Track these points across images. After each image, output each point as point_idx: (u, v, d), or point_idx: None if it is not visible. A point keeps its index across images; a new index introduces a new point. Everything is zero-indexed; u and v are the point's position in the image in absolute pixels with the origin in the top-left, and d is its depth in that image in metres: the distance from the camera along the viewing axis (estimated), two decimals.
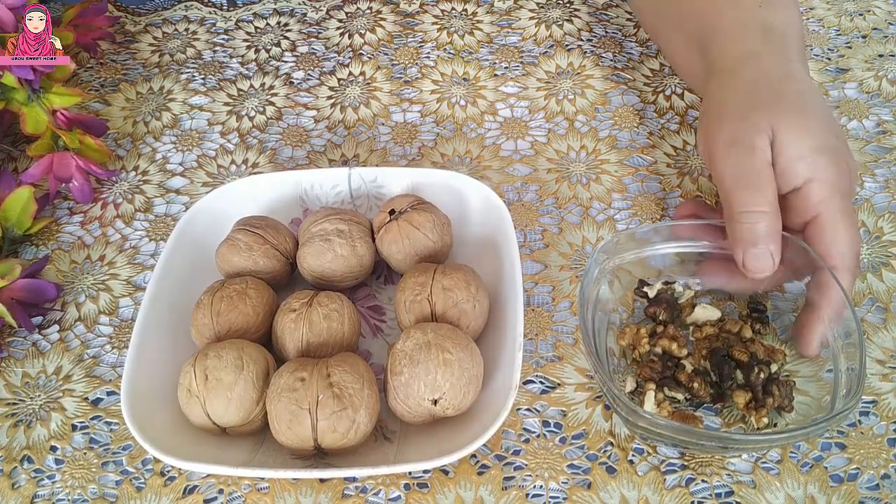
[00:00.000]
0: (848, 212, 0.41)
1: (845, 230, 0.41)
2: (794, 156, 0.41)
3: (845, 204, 0.41)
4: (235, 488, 0.40)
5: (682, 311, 0.44)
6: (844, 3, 0.64)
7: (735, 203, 0.41)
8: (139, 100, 0.61)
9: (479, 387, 0.39)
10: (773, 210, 0.41)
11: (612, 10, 0.65)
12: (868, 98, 0.56)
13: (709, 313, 0.44)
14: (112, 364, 0.45)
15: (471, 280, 0.42)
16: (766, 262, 0.41)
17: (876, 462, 0.39)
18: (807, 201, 0.41)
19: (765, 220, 0.41)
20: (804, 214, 0.42)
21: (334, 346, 0.41)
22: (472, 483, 0.39)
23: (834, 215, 0.41)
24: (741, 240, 0.41)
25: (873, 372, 0.42)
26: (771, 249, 0.41)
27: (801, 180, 0.41)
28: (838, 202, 0.41)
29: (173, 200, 0.54)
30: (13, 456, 0.42)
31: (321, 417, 0.37)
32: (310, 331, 0.41)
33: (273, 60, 0.63)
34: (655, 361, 0.42)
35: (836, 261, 0.41)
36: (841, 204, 0.41)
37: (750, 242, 0.41)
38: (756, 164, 0.41)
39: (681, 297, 0.44)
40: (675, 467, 0.39)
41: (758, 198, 0.41)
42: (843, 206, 0.41)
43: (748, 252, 0.41)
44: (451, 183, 0.48)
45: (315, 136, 0.57)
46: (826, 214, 0.41)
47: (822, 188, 0.41)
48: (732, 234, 0.42)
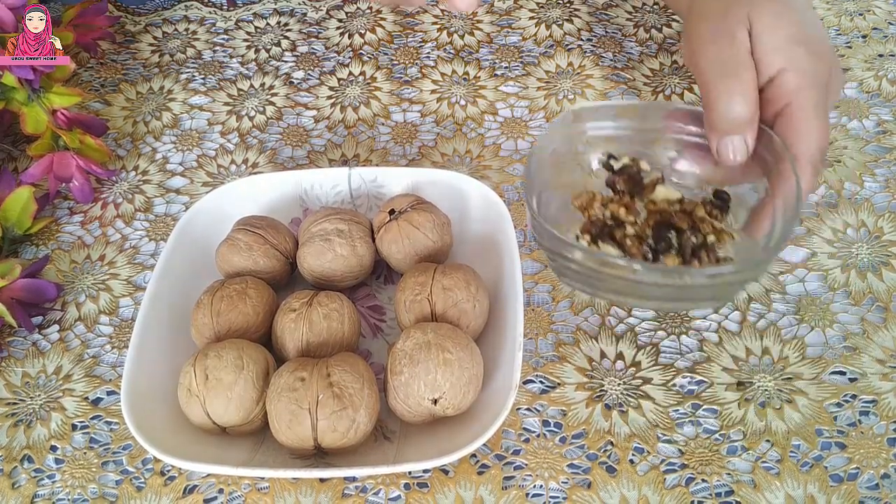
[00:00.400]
0: (821, 105, 0.41)
1: (814, 122, 0.41)
2: (769, 46, 0.41)
3: (819, 97, 0.41)
4: (235, 488, 0.40)
5: (645, 188, 0.44)
6: (844, 3, 0.64)
7: (713, 91, 0.41)
8: (139, 100, 0.61)
9: (479, 386, 0.39)
10: (750, 98, 0.41)
11: (612, 9, 0.65)
12: (868, 98, 0.56)
13: (669, 193, 0.43)
14: (112, 364, 0.45)
15: (471, 280, 0.42)
16: (739, 150, 0.41)
17: (876, 462, 0.39)
18: (779, 90, 0.41)
19: (741, 107, 0.41)
20: (776, 104, 0.42)
21: (334, 345, 0.41)
22: (472, 483, 0.39)
23: (804, 106, 0.41)
24: (717, 127, 0.41)
25: (873, 371, 0.42)
26: (746, 137, 0.41)
27: (775, 70, 0.41)
28: (811, 94, 0.41)
29: (173, 200, 0.54)
30: (13, 456, 0.42)
31: (321, 417, 0.37)
32: (310, 330, 0.41)
33: (273, 60, 0.63)
34: (600, 219, 0.42)
35: (798, 150, 0.41)
36: (814, 96, 0.41)
37: (725, 130, 0.41)
38: (735, 54, 0.41)
39: (646, 176, 0.44)
40: (675, 467, 0.39)
41: (736, 85, 0.41)
42: (815, 99, 0.41)
43: (722, 139, 0.41)
44: (452, 182, 0.48)
45: (315, 135, 0.57)
46: (796, 104, 0.41)
47: (794, 78, 0.41)
48: (709, 122, 0.42)
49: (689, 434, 0.40)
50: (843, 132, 0.54)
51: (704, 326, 0.45)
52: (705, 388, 0.42)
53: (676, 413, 0.41)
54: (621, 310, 0.45)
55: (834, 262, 0.47)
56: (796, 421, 0.40)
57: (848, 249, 0.47)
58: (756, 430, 0.40)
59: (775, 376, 0.42)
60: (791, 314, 0.45)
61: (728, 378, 0.42)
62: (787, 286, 0.46)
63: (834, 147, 0.53)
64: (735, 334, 0.44)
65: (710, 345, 0.44)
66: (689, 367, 0.43)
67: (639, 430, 0.41)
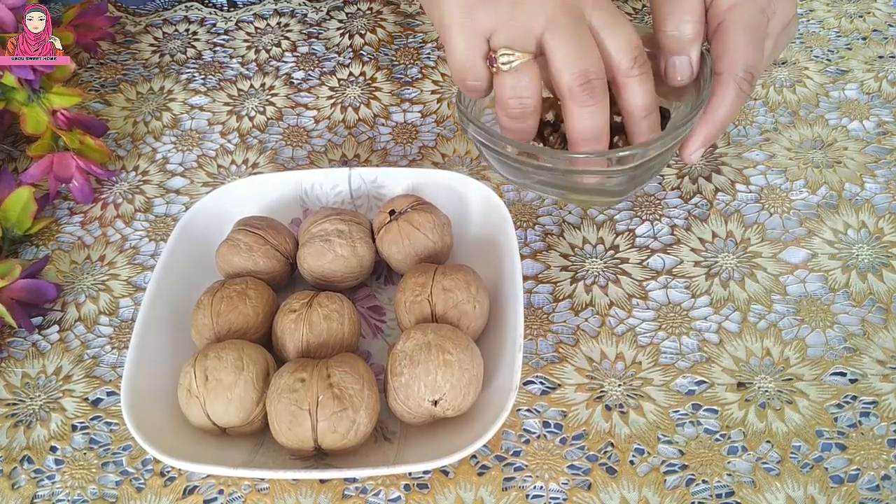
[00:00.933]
0: (753, 24, 0.43)
1: (741, 38, 0.42)
2: None
3: (751, 15, 0.43)
4: (235, 489, 0.40)
5: None
6: (844, 5, 0.64)
7: (662, 13, 0.43)
8: (139, 100, 0.61)
9: (479, 387, 0.39)
10: (696, 19, 0.43)
11: None
12: (868, 99, 0.56)
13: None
14: (112, 364, 0.45)
15: (471, 280, 0.42)
16: (685, 70, 0.43)
17: (876, 463, 0.39)
18: (716, 10, 0.43)
19: (688, 28, 0.43)
20: (713, 23, 0.43)
21: (334, 346, 0.41)
22: (473, 484, 0.39)
23: (736, 24, 0.42)
24: (665, 48, 0.43)
25: (874, 372, 0.42)
26: (691, 56, 0.43)
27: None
28: (742, 11, 0.42)
29: (173, 200, 0.54)
30: (13, 456, 0.42)
31: (321, 418, 0.37)
32: (310, 331, 0.41)
33: (273, 61, 0.63)
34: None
35: (723, 66, 0.43)
36: (748, 15, 0.43)
37: (672, 50, 0.43)
38: None
39: None
40: (676, 468, 0.39)
41: (682, 6, 0.43)
42: (745, 17, 0.42)
43: (669, 59, 0.43)
44: (452, 183, 0.48)
45: (315, 136, 0.57)
46: (728, 21, 0.43)
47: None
48: (658, 43, 0.44)
49: (689, 434, 0.40)
50: (843, 133, 0.54)
51: (705, 327, 0.45)
52: (706, 388, 0.42)
53: (677, 414, 0.41)
54: (622, 310, 0.45)
55: (834, 263, 0.47)
56: (797, 422, 0.40)
57: (849, 250, 0.47)
58: (756, 431, 0.40)
59: (776, 377, 0.42)
60: (791, 315, 0.45)
61: (729, 379, 0.42)
62: (787, 287, 0.46)
63: (834, 148, 0.53)
64: (735, 335, 0.44)
65: (710, 345, 0.44)
66: (690, 368, 0.43)
67: (639, 431, 0.41)
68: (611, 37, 0.41)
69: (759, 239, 0.48)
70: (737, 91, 0.43)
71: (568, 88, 0.40)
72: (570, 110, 0.41)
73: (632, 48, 0.41)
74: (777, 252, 0.48)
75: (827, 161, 0.52)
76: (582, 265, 0.48)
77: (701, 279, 0.47)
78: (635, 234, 0.49)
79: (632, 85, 0.41)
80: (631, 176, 0.43)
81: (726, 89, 0.42)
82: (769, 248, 0.48)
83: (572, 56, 0.40)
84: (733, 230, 0.49)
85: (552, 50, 0.40)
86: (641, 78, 0.41)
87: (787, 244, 0.48)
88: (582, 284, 0.47)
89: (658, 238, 0.49)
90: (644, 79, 0.41)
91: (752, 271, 0.47)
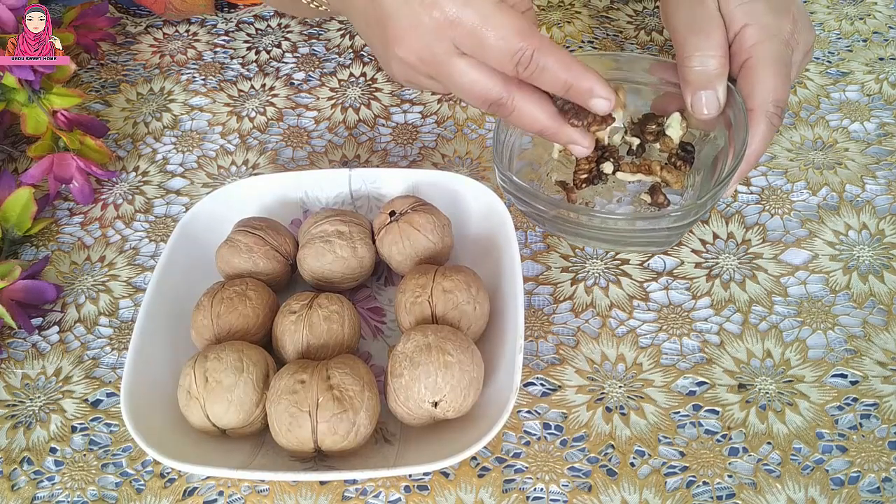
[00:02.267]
0: (779, 58, 0.43)
1: (770, 74, 0.43)
2: (733, 4, 0.44)
3: (777, 50, 0.43)
4: (235, 490, 0.40)
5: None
6: (845, 8, 0.64)
7: (687, 47, 0.44)
8: (139, 101, 0.61)
9: (479, 389, 0.39)
10: (721, 53, 0.43)
11: (613, 12, 0.65)
12: (869, 100, 0.56)
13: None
14: (112, 365, 0.45)
15: (471, 282, 0.42)
16: (711, 104, 0.44)
17: (877, 465, 0.39)
18: (741, 45, 0.43)
19: (713, 63, 0.43)
20: (738, 59, 0.44)
21: (334, 347, 0.41)
22: (473, 485, 0.39)
23: (761, 59, 0.43)
24: (691, 82, 0.44)
25: (874, 374, 0.42)
26: (717, 91, 0.43)
27: (739, 26, 0.43)
28: (769, 47, 0.43)
29: (173, 201, 0.54)
30: (13, 457, 0.42)
31: (321, 420, 0.37)
32: (310, 332, 0.41)
33: (274, 62, 0.63)
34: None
35: (753, 102, 0.43)
36: (772, 49, 0.43)
37: (699, 85, 0.44)
38: (706, 12, 0.44)
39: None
40: (676, 469, 0.39)
41: (707, 41, 0.43)
42: (773, 52, 0.43)
43: (696, 94, 0.44)
44: (452, 184, 0.48)
45: (316, 136, 0.57)
46: (755, 58, 0.43)
47: (755, 32, 0.43)
48: (683, 77, 0.44)
49: (690, 435, 0.40)
50: (844, 135, 0.54)
51: (706, 328, 0.44)
52: (706, 388, 0.42)
53: (678, 415, 0.41)
54: (623, 312, 0.45)
55: (835, 264, 0.47)
56: (797, 424, 0.40)
57: (850, 252, 0.47)
58: (757, 433, 0.40)
59: (776, 379, 0.42)
60: (792, 316, 0.45)
61: (729, 380, 0.42)
62: (788, 288, 0.46)
63: (835, 149, 0.53)
64: (736, 336, 0.44)
65: (711, 346, 0.44)
66: (691, 369, 0.43)
67: (640, 433, 0.41)
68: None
69: (760, 240, 0.48)
70: (768, 126, 0.43)
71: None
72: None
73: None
74: (778, 253, 0.48)
75: (828, 162, 0.52)
76: (583, 266, 0.48)
77: (702, 280, 0.47)
78: None
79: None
80: (684, 225, 0.44)
81: (758, 126, 0.43)
82: (770, 250, 0.48)
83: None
84: (734, 231, 0.49)
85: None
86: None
87: (788, 245, 0.48)
88: (582, 286, 0.47)
89: None
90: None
91: (753, 272, 0.47)
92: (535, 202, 0.45)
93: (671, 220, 0.43)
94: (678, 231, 0.44)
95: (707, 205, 0.43)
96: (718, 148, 0.46)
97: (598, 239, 0.46)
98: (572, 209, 0.44)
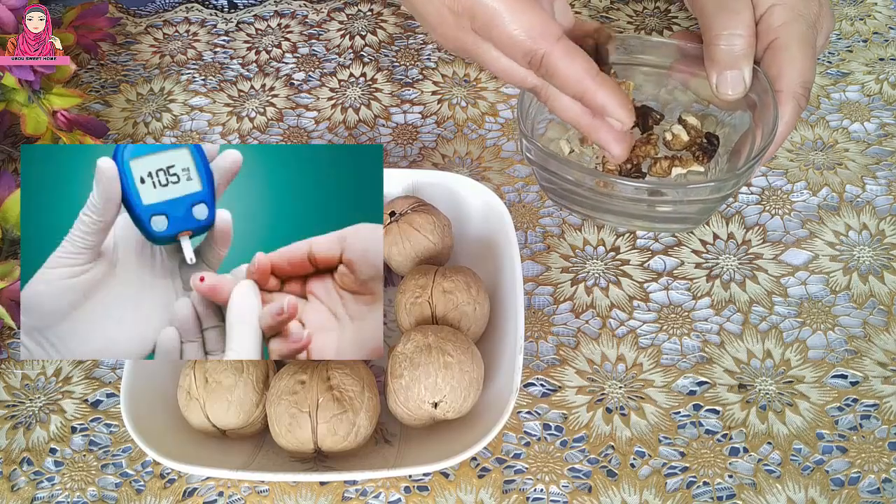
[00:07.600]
0: (806, 40, 0.43)
1: (798, 55, 0.42)
2: None
3: (804, 31, 0.43)
4: (235, 491, 0.40)
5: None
6: (845, 8, 0.63)
7: (714, 27, 0.43)
8: (139, 101, 0.61)
9: (479, 390, 0.39)
10: (749, 33, 0.43)
11: (613, 12, 0.65)
12: (869, 101, 0.56)
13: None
14: (112, 366, 0.45)
15: (471, 282, 0.42)
16: (737, 85, 0.43)
17: (877, 466, 0.39)
18: (768, 25, 0.43)
19: (740, 42, 0.42)
20: (765, 39, 0.43)
21: None
22: (473, 486, 0.39)
23: (790, 40, 0.43)
24: (717, 62, 0.43)
25: (875, 375, 0.42)
26: (743, 72, 0.43)
27: (767, 5, 0.43)
28: (796, 28, 0.43)
29: None
30: (12, 458, 0.42)
31: (321, 420, 0.37)
32: None
33: (274, 62, 0.63)
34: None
35: (780, 83, 0.43)
36: (800, 30, 0.43)
37: (725, 65, 0.43)
38: None
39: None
40: (677, 470, 0.39)
41: (735, 20, 0.43)
42: (800, 33, 0.43)
43: (721, 74, 0.43)
44: (452, 184, 0.48)
45: (316, 137, 0.57)
46: (782, 38, 0.43)
47: (783, 12, 0.43)
48: (709, 57, 0.44)
49: (690, 435, 0.40)
50: (844, 135, 0.54)
51: (706, 329, 0.44)
52: (707, 388, 0.42)
53: (678, 415, 0.41)
54: (623, 312, 0.45)
55: (836, 264, 0.47)
56: (798, 424, 0.40)
57: (850, 252, 0.47)
58: (758, 432, 0.40)
59: (777, 379, 0.42)
60: (793, 317, 0.45)
61: (730, 380, 0.42)
62: (788, 289, 0.46)
63: (835, 150, 0.53)
64: (737, 336, 0.44)
65: (711, 346, 0.44)
66: (691, 368, 0.43)
67: (640, 434, 0.41)
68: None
69: (760, 240, 0.48)
70: (795, 107, 0.43)
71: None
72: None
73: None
74: (778, 254, 0.47)
75: (828, 163, 0.52)
76: (583, 267, 0.48)
77: (702, 281, 0.47)
78: (636, 236, 0.49)
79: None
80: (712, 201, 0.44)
81: (786, 107, 0.43)
82: (770, 250, 0.48)
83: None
84: (734, 232, 0.49)
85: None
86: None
87: (788, 246, 0.48)
88: (583, 286, 0.47)
89: (659, 240, 0.49)
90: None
91: (754, 273, 0.47)
92: (567, 172, 0.43)
93: (707, 192, 0.42)
94: (710, 206, 0.43)
95: (742, 178, 0.42)
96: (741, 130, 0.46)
97: (625, 214, 0.45)
98: (609, 178, 0.43)
